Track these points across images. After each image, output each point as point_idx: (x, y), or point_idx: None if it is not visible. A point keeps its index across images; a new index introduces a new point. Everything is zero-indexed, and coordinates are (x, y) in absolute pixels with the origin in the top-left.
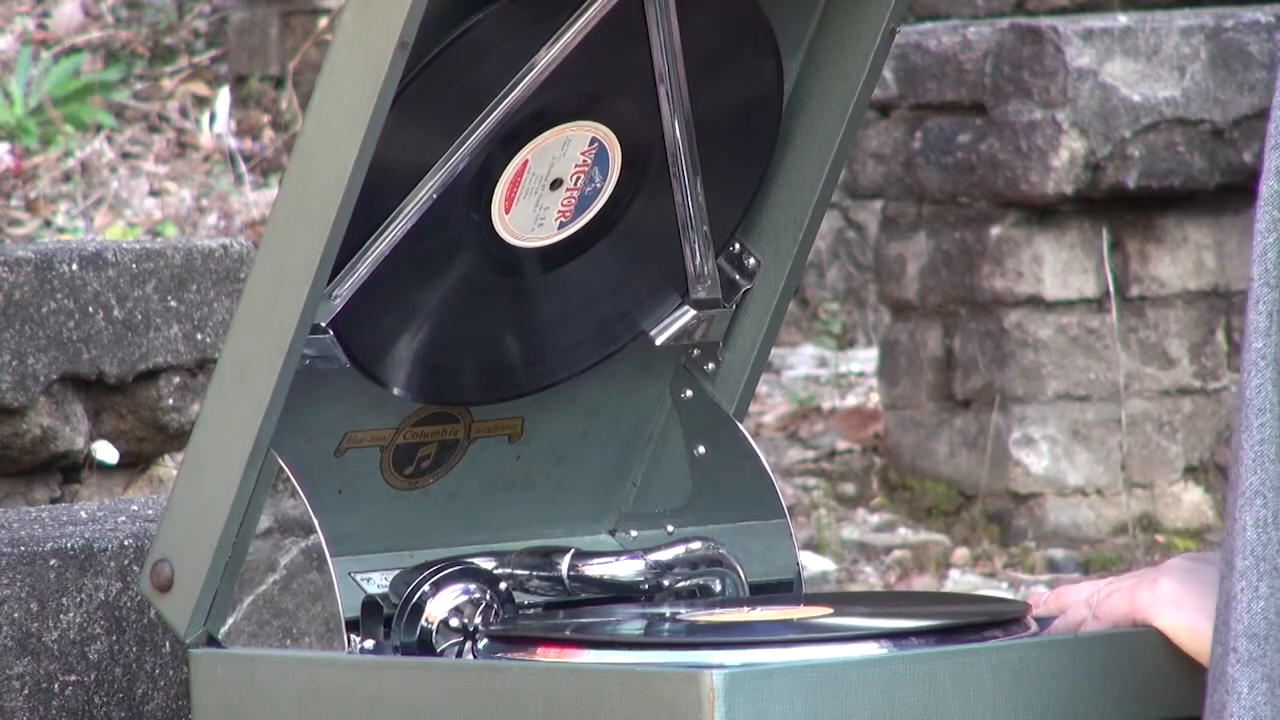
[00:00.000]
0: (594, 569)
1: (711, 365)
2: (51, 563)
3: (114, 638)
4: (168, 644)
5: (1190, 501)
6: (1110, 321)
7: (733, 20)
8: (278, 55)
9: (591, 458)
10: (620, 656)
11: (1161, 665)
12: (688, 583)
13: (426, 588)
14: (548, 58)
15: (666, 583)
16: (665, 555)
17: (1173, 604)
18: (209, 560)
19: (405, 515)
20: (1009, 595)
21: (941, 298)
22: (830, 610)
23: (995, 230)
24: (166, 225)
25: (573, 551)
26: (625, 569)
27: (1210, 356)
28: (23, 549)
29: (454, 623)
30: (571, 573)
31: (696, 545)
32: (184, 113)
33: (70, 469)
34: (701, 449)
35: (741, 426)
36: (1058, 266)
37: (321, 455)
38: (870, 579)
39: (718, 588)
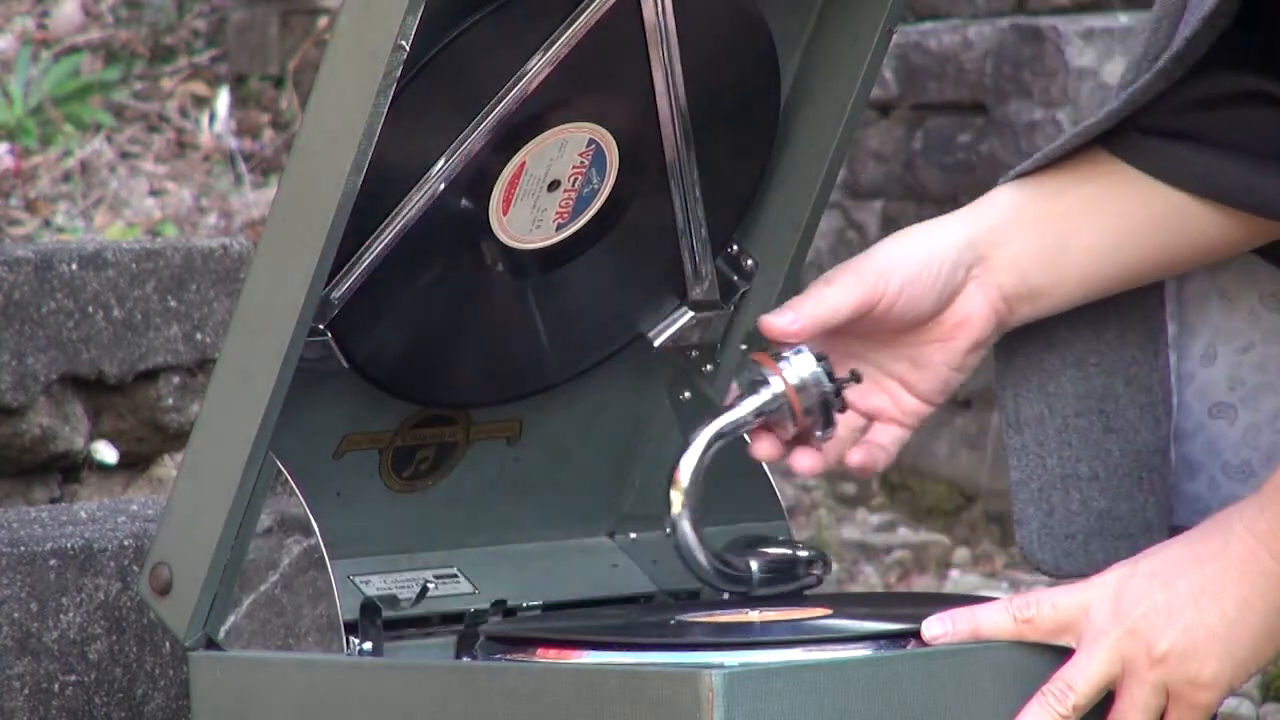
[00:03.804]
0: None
1: (710, 367)
2: (51, 563)
3: (114, 638)
4: (168, 644)
5: None
6: None
7: (729, 21)
8: (277, 55)
9: (590, 459)
10: (620, 657)
11: None
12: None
13: None
14: (545, 59)
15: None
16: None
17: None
18: (208, 563)
19: (404, 518)
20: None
21: None
22: (829, 611)
23: None
24: (166, 225)
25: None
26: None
27: None
28: (22, 549)
29: None
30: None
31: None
32: (184, 112)
33: (70, 469)
34: None
35: None
36: None
37: (320, 458)
38: (870, 579)
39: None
